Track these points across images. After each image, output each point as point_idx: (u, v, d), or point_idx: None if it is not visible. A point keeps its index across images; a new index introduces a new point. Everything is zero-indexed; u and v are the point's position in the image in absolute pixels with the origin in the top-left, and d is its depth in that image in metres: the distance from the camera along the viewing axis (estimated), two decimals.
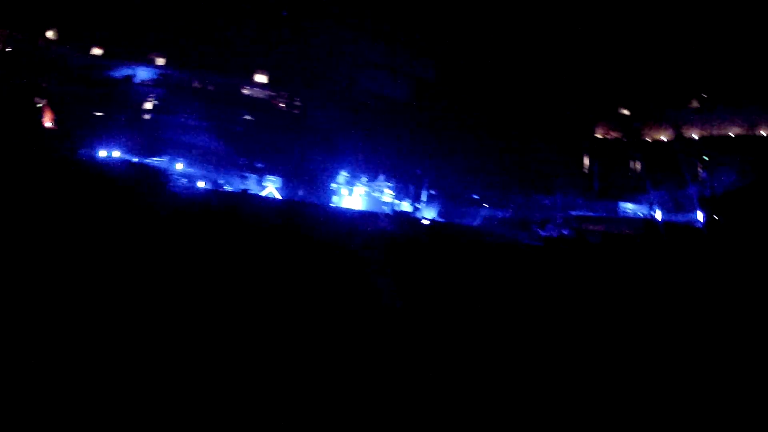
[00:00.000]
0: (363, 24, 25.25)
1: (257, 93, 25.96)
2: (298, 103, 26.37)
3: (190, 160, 22.58)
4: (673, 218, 19.35)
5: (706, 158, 21.19)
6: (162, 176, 19.35)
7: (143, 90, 22.70)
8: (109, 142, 19.92)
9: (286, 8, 24.32)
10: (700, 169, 21.70)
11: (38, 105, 18.68)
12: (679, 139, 24.04)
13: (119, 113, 21.26)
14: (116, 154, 19.84)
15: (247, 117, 25.00)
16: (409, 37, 25.34)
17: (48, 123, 18.71)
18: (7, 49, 18.47)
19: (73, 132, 19.08)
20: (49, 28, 20.28)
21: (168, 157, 21.80)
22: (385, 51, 25.55)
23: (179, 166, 21.89)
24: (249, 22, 24.71)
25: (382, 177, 25.88)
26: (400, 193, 25.72)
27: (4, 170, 12.28)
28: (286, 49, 25.38)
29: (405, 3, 25.18)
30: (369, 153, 25.49)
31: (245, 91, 25.74)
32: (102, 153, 19.19)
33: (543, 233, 19.63)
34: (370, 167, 25.63)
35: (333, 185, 25.53)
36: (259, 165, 24.08)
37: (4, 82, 17.94)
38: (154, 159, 21.16)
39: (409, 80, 27.02)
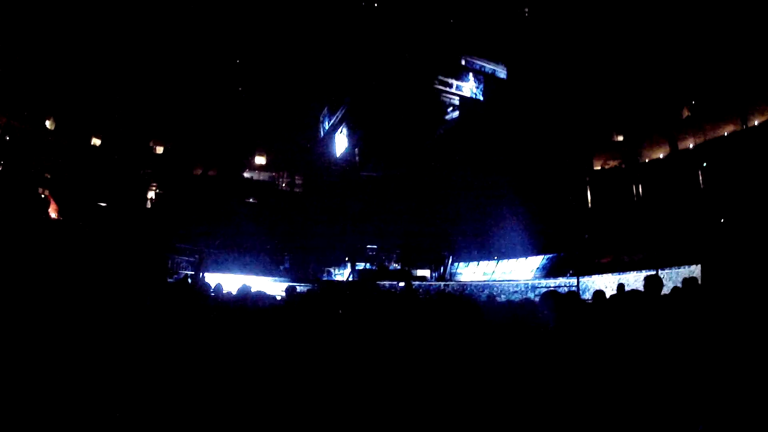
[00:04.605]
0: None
1: (258, 175, 25.43)
2: (299, 181, 26.06)
3: (194, 247, 21.15)
4: None
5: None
6: (167, 266, 17.93)
7: (144, 177, 21.56)
8: (112, 231, 18.40)
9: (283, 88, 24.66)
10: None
11: (42, 195, 17.20)
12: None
13: (122, 202, 19.87)
14: (118, 242, 18.27)
15: (251, 200, 24.20)
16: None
17: (52, 213, 17.14)
18: (6, 137, 17.18)
19: (78, 222, 17.59)
20: (47, 117, 19.23)
21: (172, 244, 20.33)
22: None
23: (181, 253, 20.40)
24: (245, 105, 24.74)
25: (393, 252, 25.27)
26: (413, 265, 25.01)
27: (11, 262, 10.95)
28: (284, 128, 25.43)
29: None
30: (377, 226, 25.03)
31: (246, 174, 25.14)
32: (106, 242, 17.62)
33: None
34: (380, 240, 25.04)
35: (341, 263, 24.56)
36: (267, 246, 22.91)
37: (4, 170, 16.46)
38: (156, 248, 19.61)
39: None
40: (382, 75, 24.91)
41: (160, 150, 23.01)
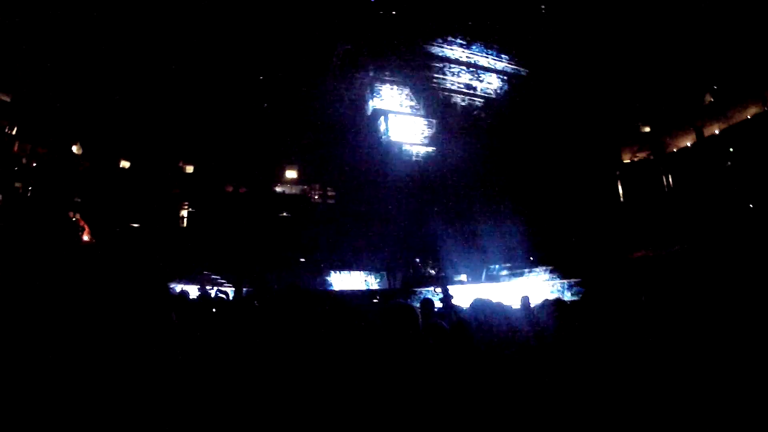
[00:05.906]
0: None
1: (289, 189, 24.87)
2: (331, 193, 25.34)
3: (230, 266, 20.55)
4: None
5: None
6: (205, 289, 17.22)
7: (175, 197, 21.21)
8: (146, 253, 17.95)
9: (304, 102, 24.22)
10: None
11: (72, 219, 16.86)
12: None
13: (155, 223, 19.48)
14: (152, 264, 17.77)
15: (283, 214, 23.54)
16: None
17: (85, 237, 16.76)
18: (33, 164, 17.03)
19: (111, 246, 17.20)
20: (74, 143, 19.10)
21: (207, 264, 19.71)
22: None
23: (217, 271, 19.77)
24: (272, 119, 24.35)
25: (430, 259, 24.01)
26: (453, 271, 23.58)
27: (47, 288, 10.10)
28: (312, 142, 24.86)
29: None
30: (414, 233, 23.87)
31: (277, 189, 24.61)
32: (141, 266, 17.15)
33: None
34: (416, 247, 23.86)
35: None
36: (301, 259, 22.11)
37: (34, 196, 16.24)
38: (195, 271, 18.99)
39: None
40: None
41: (190, 169, 22.71)
